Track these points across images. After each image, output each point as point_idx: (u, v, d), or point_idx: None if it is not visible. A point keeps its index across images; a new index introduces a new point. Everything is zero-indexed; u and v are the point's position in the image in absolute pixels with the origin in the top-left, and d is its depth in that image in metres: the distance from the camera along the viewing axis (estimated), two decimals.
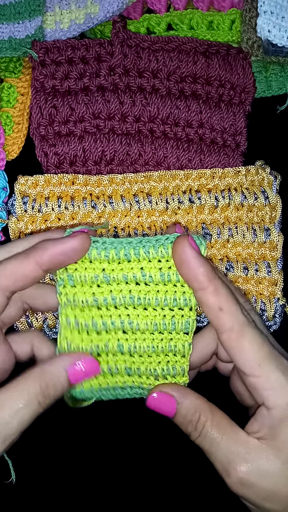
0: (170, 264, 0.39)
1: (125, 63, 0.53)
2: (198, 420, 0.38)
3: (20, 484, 0.42)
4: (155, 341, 0.40)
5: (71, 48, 0.53)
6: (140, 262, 0.39)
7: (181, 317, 0.40)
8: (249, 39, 0.54)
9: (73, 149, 0.54)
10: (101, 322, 0.39)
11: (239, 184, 0.53)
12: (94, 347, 0.40)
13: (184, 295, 0.39)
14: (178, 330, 0.40)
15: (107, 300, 0.39)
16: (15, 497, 0.49)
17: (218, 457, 0.37)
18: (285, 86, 0.57)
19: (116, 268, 0.39)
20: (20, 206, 0.52)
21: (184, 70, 0.54)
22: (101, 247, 0.38)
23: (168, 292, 0.39)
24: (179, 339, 0.40)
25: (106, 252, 0.38)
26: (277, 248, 0.52)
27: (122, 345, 0.40)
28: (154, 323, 0.39)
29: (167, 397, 0.39)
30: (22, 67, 0.56)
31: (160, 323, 0.40)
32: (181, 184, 0.52)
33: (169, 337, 0.40)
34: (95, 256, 0.38)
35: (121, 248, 0.38)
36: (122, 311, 0.39)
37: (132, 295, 0.39)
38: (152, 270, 0.39)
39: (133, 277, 0.39)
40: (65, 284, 0.39)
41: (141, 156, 0.54)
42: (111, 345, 0.40)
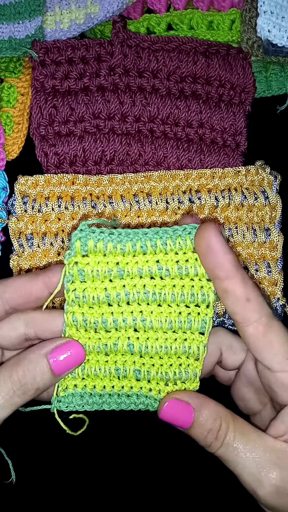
0: (187, 256, 0.36)
1: (125, 63, 0.53)
2: (219, 428, 0.35)
3: (20, 484, 0.42)
4: (168, 341, 0.38)
5: (71, 48, 0.53)
6: (157, 254, 0.36)
7: (197, 315, 0.37)
8: (249, 39, 0.54)
9: (73, 149, 0.54)
10: (112, 319, 0.37)
11: (239, 184, 0.53)
12: (102, 346, 0.38)
13: (202, 290, 0.37)
14: (194, 330, 0.38)
15: (120, 296, 0.37)
16: (15, 497, 0.49)
17: (246, 467, 0.34)
18: (285, 86, 0.57)
19: (131, 261, 0.36)
20: (20, 206, 0.52)
21: (184, 70, 0.54)
22: (116, 240, 0.36)
23: (185, 287, 0.37)
24: (194, 340, 0.38)
25: (122, 245, 0.36)
26: (277, 248, 0.52)
27: (132, 344, 0.38)
28: (169, 320, 0.37)
29: (183, 406, 0.36)
30: (22, 67, 0.56)
31: (175, 320, 0.37)
32: (181, 184, 0.52)
33: (183, 337, 0.38)
34: (110, 249, 0.36)
35: (137, 240, 0.36)
36: (135, 307, 0.37)
37: (147, 290, 0.37)
38: (169, 263, 0.36)
39: (148, 270, 0.37)
40: (74, 280, 0.37)
41: (141, 156, 0.54)
42: (121, 344, 0.38)
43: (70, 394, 0.40)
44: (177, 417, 0.36)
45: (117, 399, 0.39)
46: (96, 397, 0.39)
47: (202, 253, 0.35)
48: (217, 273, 0.34)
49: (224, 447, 0.35)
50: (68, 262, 0.36)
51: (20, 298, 0.37)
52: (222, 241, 0.34)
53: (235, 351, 0.40)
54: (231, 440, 0.35)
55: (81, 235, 0.36)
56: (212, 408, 0.36)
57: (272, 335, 0.34)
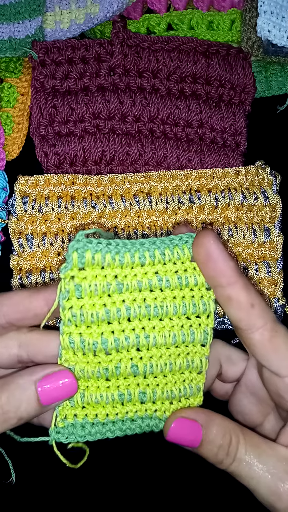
0: (185, 266, 0.35)
1: (125, 63, 0.53)
2: (230, 443, 0.34)
3: (20, 484, 0.42)
4: (172, 357, 0.36)
5: (71, 48, 0.53)
6: (155, 265, 0.34)
7: (199, 326, 0.36)
8: (249, 39, 0.54)
9: (73, 149, 0.54)
10: (113, 338, 0.34)
11: (239, 184, 0.53)
12: (102, 371, 0.35)
13: (202, 299, 0.35)
14: (196, 342, 0.36)
15: (120, 312, 0.34)
16: (15, 497, 0.49)
17: (262, 481, 0.33)
18: (285, 86, 0.57)
19: (129, 273, 0.34)
20: (20, 206, 0.52)
21: (184, 70, 0.54)
22: (115, 251, 0.33)
23: (185, 298, 0.35)
24: (196, 353, 0.36)
25: (120, 256, 0.33)
26: (277, 248, 0.52)
27: (136, 365, 0.35)
28: (173, 335, 0.35)
29: (190, 424, 0.34)
30: (22, 67, 0.56)
31: (179, 334, 0.35)
32: (181, 184, 0.52)
33: (186, 351, 0.36)
34: (109, 261, 0.33)
35: (135, 251, 0.34)
36: (136, 323, 0.35)
37: (148, 304, 0.34)
38: (168, 274, 0.34)
39: (148, 283, 0.34)
40: (70, 296, 0.33)
41: (141, 156, 0.54)
42: (124, 366, 0.35)
43: (70, 425, 0.37)
44: (185, 437, 0.35)
45: (121, 425, 0.37)
46: (98, 426, 0.37)
47: (201, 261, 0.34)
48: (219, 281, 0.34)
49: (237, 462, 0.34)
50: (65, 276, 0.33)
51: (18, 313, 0.35)
52: (221, 248, 0.33)
53: (235, 362, 0.39)
54: (243, 454, 0.34)
55: (78, 246, 0.32)
56: (220, 422, 0.35)
57: (279, 340, 0.34)
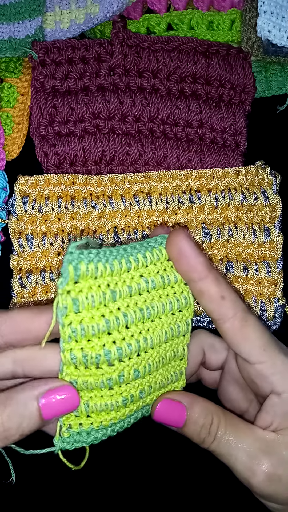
0: (164, 265, 0.37)
1: (125, 63, 0.53)
2: (211, 423, 0.36)
3: (20, 484, 0.42)
4: (163, 352, 0.38)
5: (71, 48, 0.53)
6: (139, 269, 0.36)
7: (181, 319, 0.38)
8: (249, 39, 0.54)
9: (73, 149, 0.54)
10: (115, 348, 0.34)
11: (239, 184, 0.53)
12: (105, 381, 0.35)
13: (183, 294, 0.38)
14: (181, 334, 0.38)
15: (119, 320, 0.34)
16: (15, 497, 0.49)
17: (239, 458, 0.35)
18: (285, 86, 0.57)
19: (119, 280, 0.34)
20: (20, 206, 0.52)
21: (184, 70, 0.54)
22: (104, 259, 0.33)
23: (169, 295, 0.37)
24: (180, 343, 0.39)
25: (109, 264, 0.34)
26: (277, 248, 0.52)
27: (138, 370, 0.36)
28: (164, 332, 0.37)
29: (175, 405, 0.37)
30: (22, 67, 0.56)
31: (169, 330, 0.37)
32: (181, 184, 0.52)
33: (174, 343, 0.38)
34: (101, 270, 0.33)
35: (121, 257, 0.34)
36: (134, 329, 0.35)
37: (140, 307, 0.35)
38: (152, 275, 0.36)
39: (136, 287, 0.35)
40: (68, 312, 0.32)
41: (141, 156, 0.54)
42: (127, 373, 0.35)
43: (76, 433, 0.37)
44: (170, 417, 0.37)
45: (122, 423, 0.38)
46: (103, 430, 0.37)
47: (174, 258, 0.36)
48: (191, 276, 0.36)
49: (217, 441, 0.36)
50: (62, 291, 0.32)
51: (18, 334, 0.35)
52: (192, 245, 0.35)
53: (217, 350, 0.42)
54: (223, 433, 0.36)
55: (72, 258, 0.32)
56: (202, 404, 0.37)
57: (248, 329, 0.36)
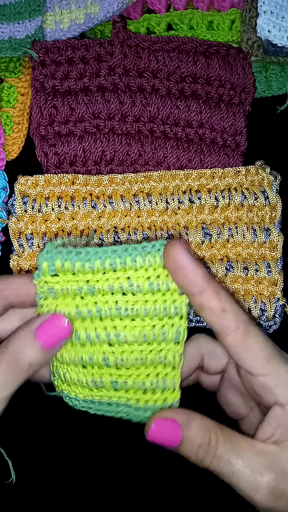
0: (158, 272, 0.36)
1: (125, 63, 0.53)
2: (209, 441, 0.35)
3: (20, 484, 0.42)
4: (143, 352, 0.37)
5: (71, 48, 0.53)
6: (127, 271, 0.36)
7: (171, 326, 0.37)
8: (249, 39, 0.54)
9: (73, 149, 0.54)
10: (85, 334, 0.37)
11: (239, 184, 0.53)
12: (77, 359, 0.37)
13: (174, 304, 0.36)
14: (168, 340, 0.37)
15: (91, 312, 0.37)
16: (15, 497, 0.49)
17: (241, 476, 0.34)
18: (285, 86, 0.57)
19: (101, 278, 0.36)
20: (20, 206, 0.52)
21: (184, 70, 0.54)
22: (84, 259, 0.36)
23: (157, 301, 0.36)
24: (170, 350, 0.37)
25: (90, 263, 0.36)
26: (277, 248, 0.52)
27: (107, 358, 0.37)
28: (143, 334, 0.37)
29: (169, 424, 0.35)
30: (22, 67, 0.56)
31: (149, 333, 0.37)
32: (181, 184, 0.52)
33: (158, 348, 0.37)
34: (78, 268, 0.36)
35: (106, 258, 0.36)
36: (107, 322, 0.37)
37: (119, 306, 0.36)
38: (139, 280, 0.36)
39: (119, 287, 0.36)
40: (46, 296, 0.37)
41: (141, 156, 0.54)
42: (96, 358, 0.37)
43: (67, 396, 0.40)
44: (165, 437, 0.35)
45: (98, 406, 0.39)
46: (81, 401, 0.39)
47: (171, 271, 0.35)
48: (190, 290, 0.35)
49: (217, 460, 0.34)
50: (38, 281, 0.36)
51: (19, 298, 0.38)
52: (189, 257, 0.34)
53: (217, 356, 0.40)
54: (222, 451, 0.34)
55: (47, 256, 0.36)
56: (199, 422, 0.35)
57: (251, 341, 0.35)
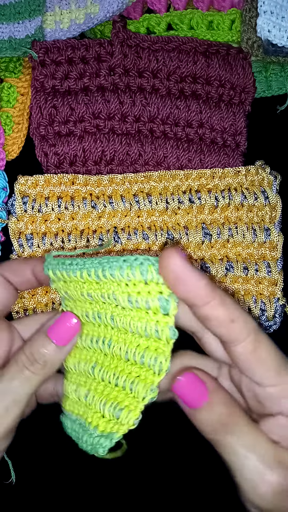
0: (138, 288, 0.33)
1: (125, 63, 0.53)
2: (230, 415, 0.34)
3: (20, 484, 0.42)
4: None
5: (71, 48, 0.53)
6: (113, 282, 0.34)
7: (155, 350, 0.34)
8: (249, 39, 0.54)
9: (73, 149, 0.54)
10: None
11: (239, 184, 0.53)
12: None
13: (156, 325, 0.33)
14: (149, 366, 0.34)
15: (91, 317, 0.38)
16: (15, 497, 0.49)
17: (251, 461, 0.33)
18: (285, 86, 0.57)
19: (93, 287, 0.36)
20: (20, 206, 0.52)
21: (184, 70, 0.54)
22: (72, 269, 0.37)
23: (140, 319, 0.34)
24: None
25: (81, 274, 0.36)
26: (277, 248, 0.52)
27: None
28: (128, 350, 0.35)
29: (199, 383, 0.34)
30: (22, 67, 0.56)
31: (133, 351, 0.35)
32: (181, 184, 0.52)
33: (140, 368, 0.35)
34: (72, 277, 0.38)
35: (91, 269, 0.35)
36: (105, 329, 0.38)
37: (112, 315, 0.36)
38: (120, 294, 0.34)
39: (107, 297, 0.35)
40: (65, 298, 0.40)
41: (141, 156, 0.54)
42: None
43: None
44: (191, 393, 0.34)
45: None
46: None
47: (171, 284, 0.31)
48: (194, 302, 0.32)
49: (232, 437, 0.33)
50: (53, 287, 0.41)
51: (17, 278, 0.43)
52: (189, 266, 0.31)
53: (207, 371, 0.38)
54: (241, 430, 0.34)
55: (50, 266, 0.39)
56: (226, 394, 0.35)
57: (262, 351, 0.33)
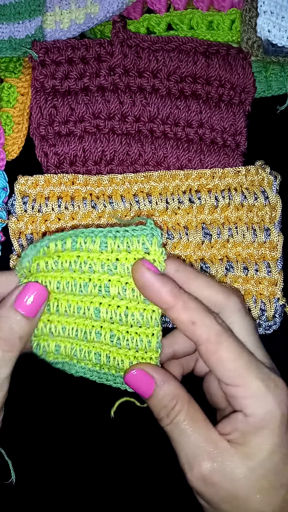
0: (116, 256, 0.38)
1: (125, 63, 0.53)
2: (173, 407, 0.37)
3: (20, 484, 0.42)
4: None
5: (71, 48, 0.53)
6: (92, 252, 0.39)
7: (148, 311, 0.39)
8: (249, 39, 0.54)
9: (73, 149, 0.54)
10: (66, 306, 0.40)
11: (239, 184, 0.53)
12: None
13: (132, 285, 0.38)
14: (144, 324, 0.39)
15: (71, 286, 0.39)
16: (15, 497, 0.49)
17: (184, 449, 0.37)
18: (285, 86, 0.57)
19: (81, 256, 0.39)
20: (20, 206, 0.52)
21: (184, 70, 0.54)
22: (58, 239, 0.39)
23: (119, 282, 0.39)
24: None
25: (62, 243, 0.39)
26: (277, 248, 0.52)
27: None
28: (117, 313, 0.39)
29: (147, 378, 0.38)
30: (22, 67, 0.56)
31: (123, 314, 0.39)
32: (181, 184, 0.52)
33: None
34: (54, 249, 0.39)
35: (67, 237, 0.39)
36: (89, 299, 0.39)
37: (96, 283, 0.39)
38: (96, 260, 0.39)
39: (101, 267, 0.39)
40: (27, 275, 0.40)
41: (141, 156, 0.54)
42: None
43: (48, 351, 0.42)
44: (139, 386, 0.39)
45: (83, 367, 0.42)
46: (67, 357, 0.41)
47: (141, 290, 0.38)
48: (161, 306, 0.37)
49: (172, 425, 0.37)
50: (18, 271, 0.40)
51: None
52: (155, 275, 0.37)
53: None
54: (181, 421, 0.37)
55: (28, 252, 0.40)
56: (172, 387, 0.38)
57: (222, 353, 0.36)
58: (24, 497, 0.50)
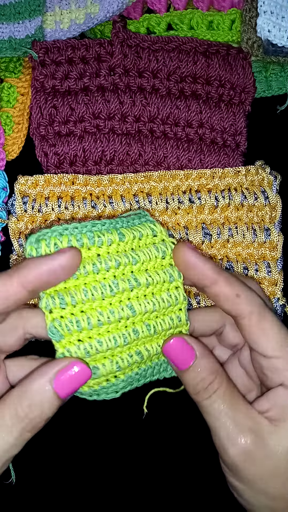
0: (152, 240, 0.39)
1: (125, 63, 0.53)
2: (212, 382, 0.37)
3: (20, 484, 0.42)
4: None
5: (71, 48, 0.53)
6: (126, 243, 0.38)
7: (173, 289, 0.39)
8: (249, 39, 0.54)
9: (73, 149, 0.54)
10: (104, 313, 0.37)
11: (239, 184, 0.53)
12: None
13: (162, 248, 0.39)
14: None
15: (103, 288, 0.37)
16: (15, 497, 0.49)
17: (224, 425, 0.36)
18: (285, 86, 0.57)
19: (101, 254, 0.37)
20: (20, 206, 0.52)
21: (184, 70, 0.54)
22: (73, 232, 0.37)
23: (143, 269, 0.38)
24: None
25: (79, 238, 0.37)
26: (277, 248, 0.52)
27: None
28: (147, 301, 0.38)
29: (187, 347, 0.38)
30: (22, 67, 0.56)
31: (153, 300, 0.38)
32: (181, 184, 0.52)
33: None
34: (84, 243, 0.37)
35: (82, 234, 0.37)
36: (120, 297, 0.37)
37: (127, 278, 0.38)
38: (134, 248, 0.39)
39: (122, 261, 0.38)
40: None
41: (141, 156, 0.54)
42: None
43: None
44: (178, 355, 0.38)
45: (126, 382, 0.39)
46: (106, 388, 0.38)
47: (183, 270, 0.39)
48: (204, 283, 0.38)
49: (211, 400, 0.37)
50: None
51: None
52: (196, 254, 0.37)
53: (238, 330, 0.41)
54: (220, 396, 0.37)
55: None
56: (212, 361, 0.38)
57: (266, 325, 0.37)
58: (24, 497, 0.50)
